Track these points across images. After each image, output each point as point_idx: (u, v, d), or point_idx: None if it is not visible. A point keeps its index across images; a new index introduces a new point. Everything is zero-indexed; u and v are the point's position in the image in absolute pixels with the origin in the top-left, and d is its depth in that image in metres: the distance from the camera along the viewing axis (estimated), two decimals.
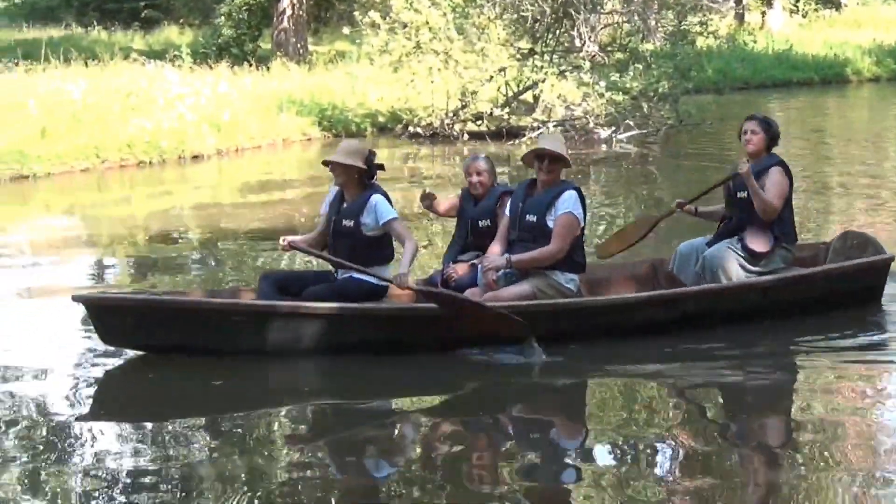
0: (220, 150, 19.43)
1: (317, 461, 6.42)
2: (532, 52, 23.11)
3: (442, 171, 19.00)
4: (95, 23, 38.72)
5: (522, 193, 8.24)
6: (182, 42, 31.99)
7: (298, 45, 31.88)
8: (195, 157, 19.11)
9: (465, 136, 21.87)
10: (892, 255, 8.78)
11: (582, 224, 8.11)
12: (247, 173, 18.71)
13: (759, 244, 8.46)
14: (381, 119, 23.86)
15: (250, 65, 28.35)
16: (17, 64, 24.54)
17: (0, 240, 13.18)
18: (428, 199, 8.96)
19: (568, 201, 8.00)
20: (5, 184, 16.60)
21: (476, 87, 22.32)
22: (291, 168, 19.78)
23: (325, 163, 8.27)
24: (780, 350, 8.17)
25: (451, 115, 22.45)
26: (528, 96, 22.95)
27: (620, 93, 21.77)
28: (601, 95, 21.66)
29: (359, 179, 8.14)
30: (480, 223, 8.63)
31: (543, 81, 22.29)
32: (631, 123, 21.75)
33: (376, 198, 8.09)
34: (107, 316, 7.81)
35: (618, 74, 22.28)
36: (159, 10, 41.44)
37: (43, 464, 6.29)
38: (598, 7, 24.20)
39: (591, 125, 21.86)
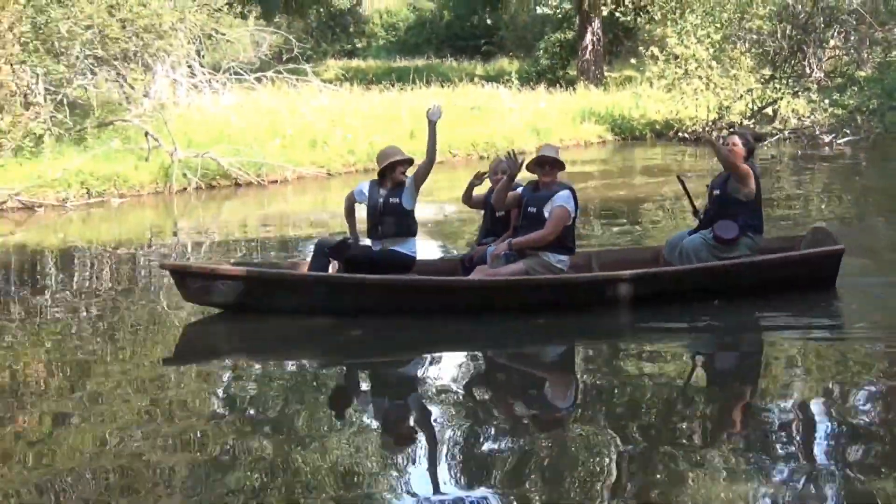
0: (538, 148, 20.66)
1: (354, 414, 6.40)
2: (772, 77, 25.42)
3: (702, 166, 19.66)
4: (449, 55, 43.36)
5: (528, 191, 8.44)
6: (511, 69, 35.95)
7: (597, 72, 35.06)
8: (521, 153, 19.90)
9: (721, 142, 24.54)
10: (840, 247, 8.67)
11: (573, 216, 8.28)
12: None
13: (726, 234, 8.55)
14: (657, 126, 26.55)
15: (561, 86, 31.72)
16: (392, 85, 28.45)
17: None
18: (479, 180, 8.96)
19: (562, 197, 8.23)
20: None
21: (729, 103, 24.84)
22: (592, 160, 21.65)
23: (390, 165, 8.58)
24: (737, 324, 8.04)
25: (710, 124, 24.81)
26: (768, 110, 25.17)
27: (840, 108, 23.87)
28: (825, 110, 23.90)
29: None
30: (497, 214, 9.00)
31: (781, 99, 24.90)
32: (847, 131, 23.24)
33: (408, 181, 8.58)
34: (187, 279, 8.34)
35: (838, 94, 24.38)
36: (495, 46, 45.98)
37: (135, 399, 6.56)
38: (824, 44, 26.75)
39: (817, 132, 23.69)
